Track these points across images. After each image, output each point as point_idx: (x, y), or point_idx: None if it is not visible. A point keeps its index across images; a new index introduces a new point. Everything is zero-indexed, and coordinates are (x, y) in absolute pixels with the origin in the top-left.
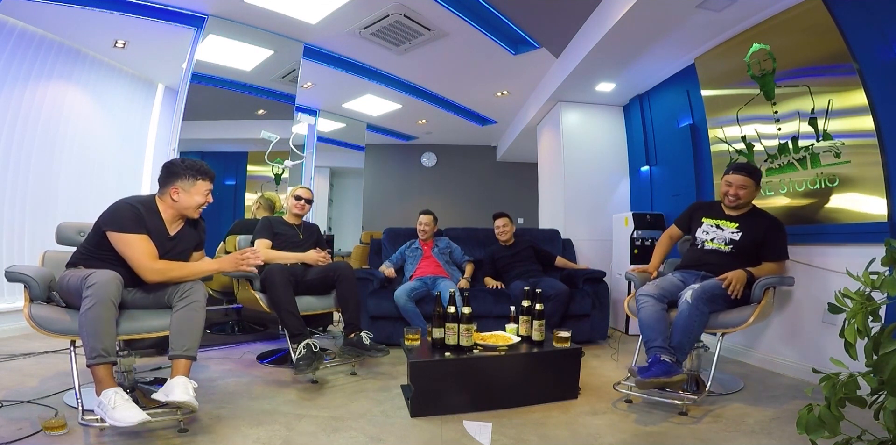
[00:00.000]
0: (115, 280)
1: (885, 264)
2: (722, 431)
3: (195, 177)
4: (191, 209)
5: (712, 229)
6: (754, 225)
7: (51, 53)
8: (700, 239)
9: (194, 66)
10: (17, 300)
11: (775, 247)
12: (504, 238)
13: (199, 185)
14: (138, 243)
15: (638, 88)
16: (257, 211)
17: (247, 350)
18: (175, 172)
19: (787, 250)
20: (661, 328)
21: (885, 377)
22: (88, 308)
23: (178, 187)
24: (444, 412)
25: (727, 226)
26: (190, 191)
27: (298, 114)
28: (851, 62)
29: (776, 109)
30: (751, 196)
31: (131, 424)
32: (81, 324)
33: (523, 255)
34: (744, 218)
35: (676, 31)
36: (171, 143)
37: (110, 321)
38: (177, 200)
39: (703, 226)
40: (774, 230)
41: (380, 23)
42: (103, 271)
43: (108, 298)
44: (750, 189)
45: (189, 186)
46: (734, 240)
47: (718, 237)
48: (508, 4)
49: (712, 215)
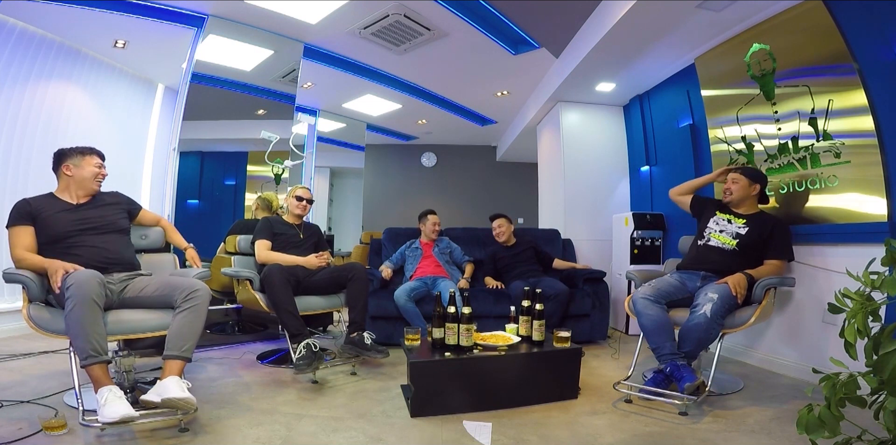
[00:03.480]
0: (94, 278)
1: (885, 264)
2: (722, 431)
3: (82, 154)
4: (88, 180)
5: (723, 222)
6: (762, 223)
7: (51, 53)
8: (709, 230)
9: (194, 66)
10: (16, 300)
11: (779, 245)
12: (502, 239)
13: (88, 159)
14: (13, 235)
15: (638, 88)
16: (256, 212)
17: (247, 350)
18: (62, 153)
19: (791, 250)
20: (667, 333)
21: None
22: (71, 309)
23: (68, 164)
24: (444, 412)
25: (736, 222)
26: (80, 164)
27: (298, 114)
28: (851, 62)
29: (776, 109)
30: (743, 192)
31: (114, 419)
32: (67, 326)
33: (524, 255)
34: (752, 217)
35: (676, 31)
36: (171, 143)
37: (95, 320)
38: (71, 174)
39: (715, 217)
40: (780, 229)
41: (380, 23)
42: (81, 271)
43: (88, 297)
44: (742, 184)
45: (79, 161)
46: (740, 234)
47: (727, 231)
48: (508, 4)
49: (725, 210)
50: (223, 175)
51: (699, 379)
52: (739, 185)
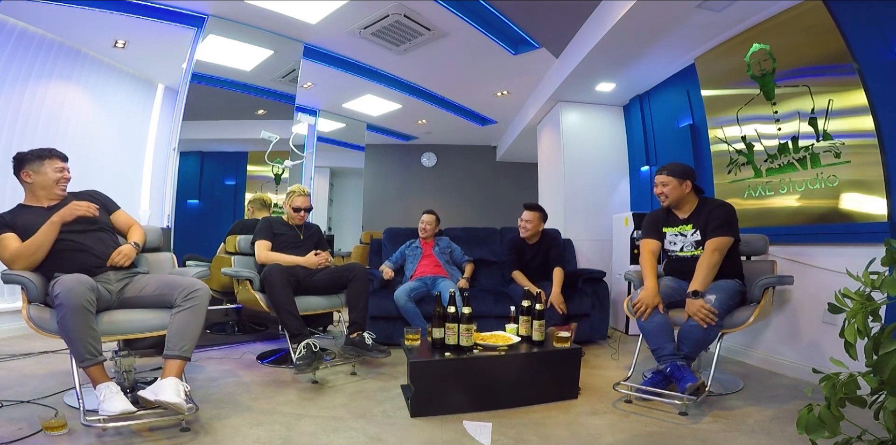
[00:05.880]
0: (81, 284)
1: (885, 264)
2: (722, 431)
3: (41, 158)
4: (50, 186)
5: (677, 238)
6: (705, 219)
7: (51, 53)
8: (670, 251)
9: (194, 66)
10: (17, 300)
11: (715, 226)
12: (526, 235)
13: (48, 163)
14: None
15: (638, 88)
16: (254, 213)
17: (247, 350)
18: (21, 158)
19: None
20: (666, 334)
21: (885, 377)
22: (62, 316)
23: (27, 170)
24: (444, 412)
25: (686, 230)
26: (39, 170)
27: (298, 114)
28: (851, 62)
29: (776, 109)
30: (678, 191)
31: (114, 413)
32: (60, 332)
33: (540, 258)
34: (693, 216)
35: (676, 31)
36: (171, 143)
37: (87, 324)
38: (31, 181)
39: (667, 237)
40: (716, 211)
41: (380, 23)
42: (68, 277)
43: (77, 303)
44: (672, 185)
45: (37, 166)
46: (698, 241)
47: (686, 244)
48: (508, 4)
49: (669, 223)
50: (223, 175)
51: (700, 380)
52: (670, 187)
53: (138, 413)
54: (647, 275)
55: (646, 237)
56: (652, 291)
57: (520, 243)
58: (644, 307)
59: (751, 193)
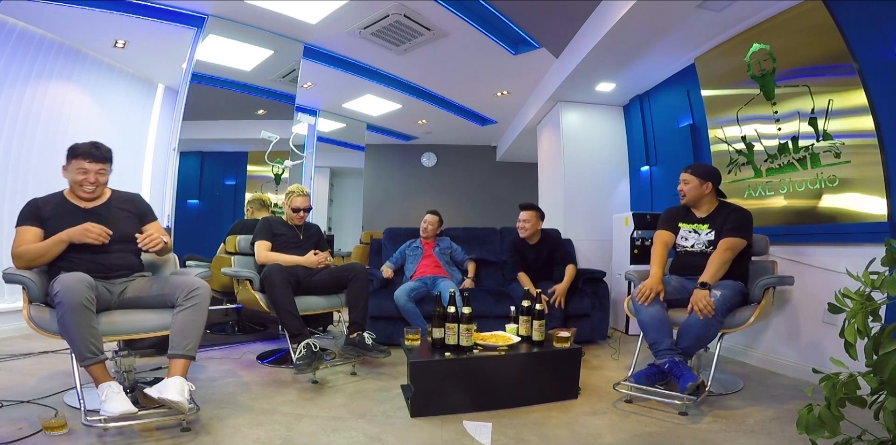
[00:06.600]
0: (80, 282)
1: (885, 264)
2: (722, 431)
3: (69, 158)
4: (75, 188)
5: (690, 235)
6: (723, 221)
7: (51, 53)
8: (681, 246)
9: (194, 66)
10: (17, 300)
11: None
12: (525, 235)
13: (72, 163)
14: (18, 234)
15: (638, 88)
16: (254, 213)
17: (247, 350)
18: (68, 151)
19: (744, 231)
20: (665, 328)
21: (885, 377)
22: (61, 316)
23: (65, 165)
24: (444, 412)
25: (701, 229)
26: (68, 168)
27: (298, 114)
28: (851, 62)
29: (776, 109)
30: (697, 191)
31: (114, 414)
32: (60, 330)
33: (542, 259)
34: (712, 217)
35: (676, 31)
36: (171, 143)
37: (87, 322)
38: (65, 177)
39: (681, 232)
40: (734, 214)
41: (380, 23)
42: (67, 275)
43: (76, 302)
44: (693, 185)
45: (68, 164)
46: (711, 241)
47: (698, 242)
48: (508, 4)
49: (687, 219)
50: (223, 175)
51: (699, 379)
52: (690, 185)
53: (139, 413)
54: (655, 264)
55: (661, 229)
56: (657, 278)
57: (521, 244)
58: (648, 291)
59: (751, 193)
